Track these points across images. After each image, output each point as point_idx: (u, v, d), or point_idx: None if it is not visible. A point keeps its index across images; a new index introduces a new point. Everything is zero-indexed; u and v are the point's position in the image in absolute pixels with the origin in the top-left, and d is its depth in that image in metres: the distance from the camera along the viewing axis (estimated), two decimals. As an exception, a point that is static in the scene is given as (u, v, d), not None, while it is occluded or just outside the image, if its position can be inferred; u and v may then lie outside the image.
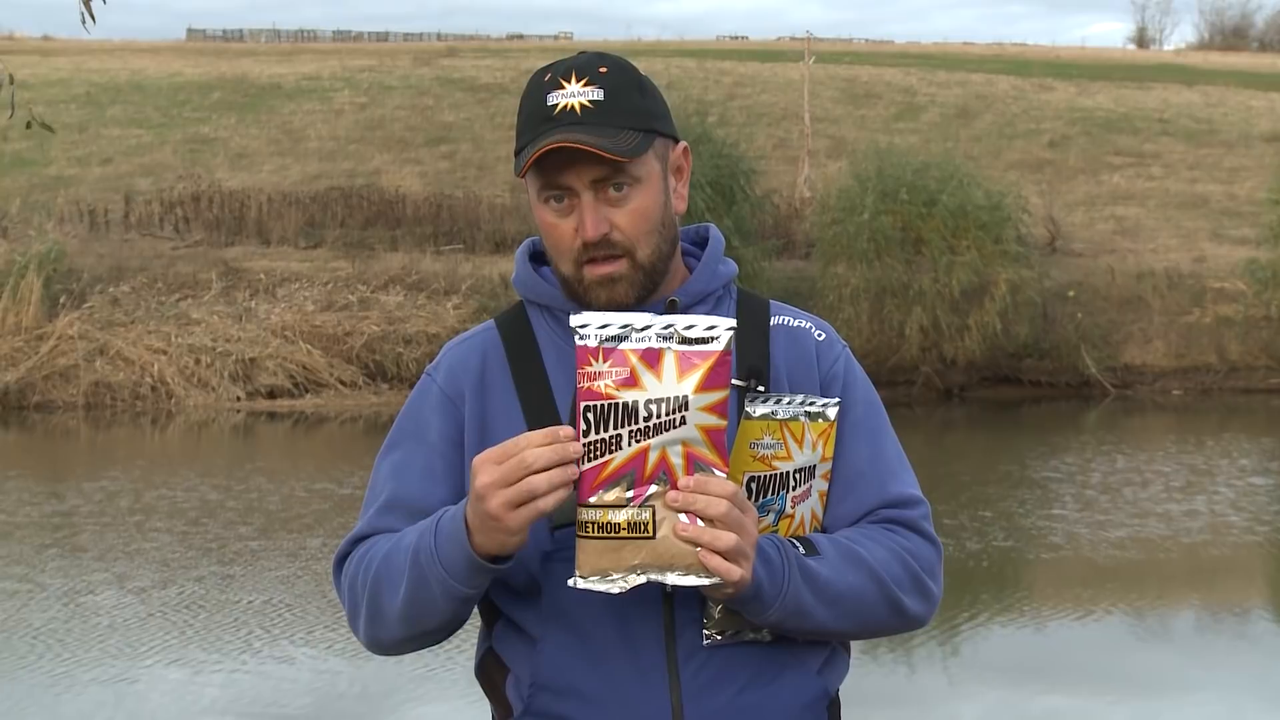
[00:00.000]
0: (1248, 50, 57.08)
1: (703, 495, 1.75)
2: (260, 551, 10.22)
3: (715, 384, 1.74)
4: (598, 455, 1.74)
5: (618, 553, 1.76)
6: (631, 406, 1.73)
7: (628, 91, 1.96)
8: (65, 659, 7.66)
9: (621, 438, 1.73)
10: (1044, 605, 9.18)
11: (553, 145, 1.89)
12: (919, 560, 2.02)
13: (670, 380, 1.73)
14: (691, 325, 1.75)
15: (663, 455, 1.74)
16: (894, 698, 7.19)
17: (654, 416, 1.73)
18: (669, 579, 1.77)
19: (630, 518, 1.75)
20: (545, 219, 1.98)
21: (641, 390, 1.73)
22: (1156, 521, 11.35)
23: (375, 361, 19.39)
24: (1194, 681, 7.63)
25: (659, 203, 1.98)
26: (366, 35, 52.01)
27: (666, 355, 1.73)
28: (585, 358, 1.74)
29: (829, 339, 2.09)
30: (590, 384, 1.73)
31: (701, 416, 1.74)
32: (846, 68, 33.27)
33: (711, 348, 1.74)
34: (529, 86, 1.99)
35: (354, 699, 7.15)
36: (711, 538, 1.76)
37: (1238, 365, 20.84)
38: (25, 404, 18.26)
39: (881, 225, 19.66)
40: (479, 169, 25.40)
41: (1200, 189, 25.88)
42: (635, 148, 1.93)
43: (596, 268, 1.96)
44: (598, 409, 1.73)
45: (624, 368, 1.73)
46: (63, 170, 24.46)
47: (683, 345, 1.74)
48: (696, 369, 1.74)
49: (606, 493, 1.75)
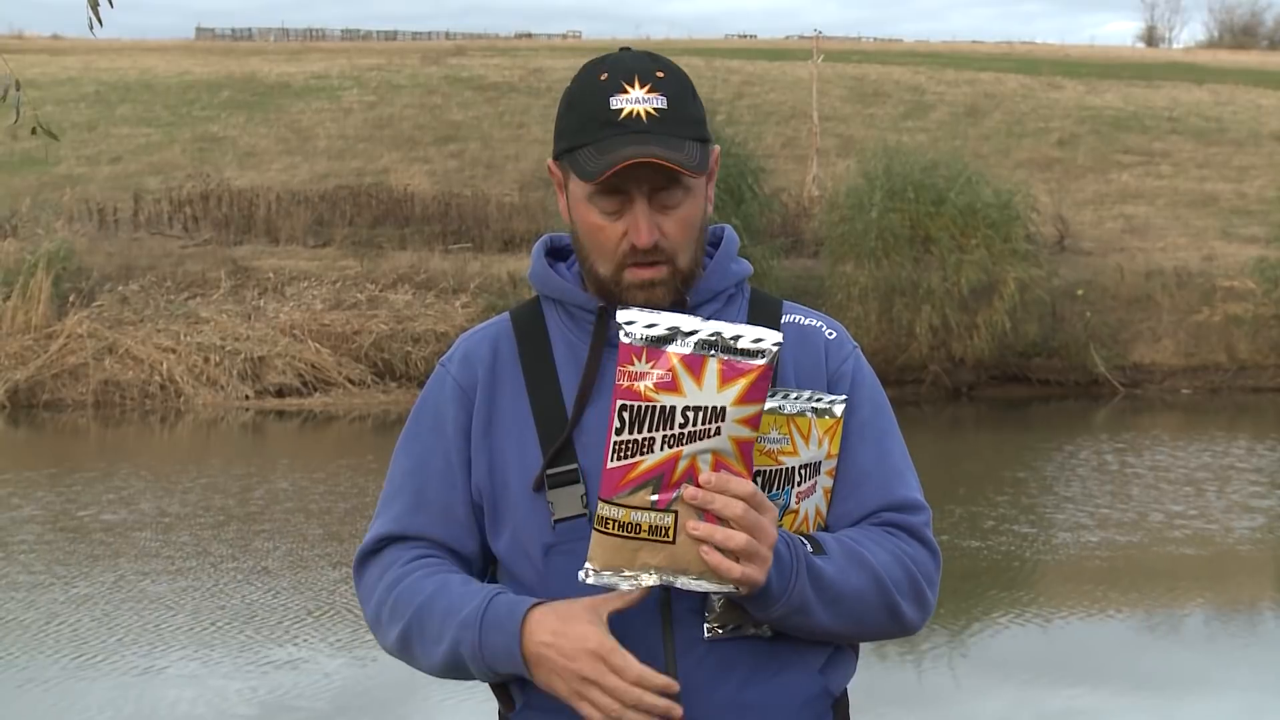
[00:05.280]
0: (1257, 49, 56.98)
1: (720, 495, 1.75)
2: (267, 551, 10.23)
3: (754, 397, 1.71)
4: (628, 455, 1.72)
5: (635, 553, 1.75)
6: (668, 411, 1.70)
7: (687, 98, 1.99)
8: (76, 655, 7.67)
9: (655, 441, 1.71)
10: (1055, 604, 9.15)
11: (640, 160, 1.90)
12: (919, 568, 2.02)
13: (710, 389, 1.70)
14: (739, 335, 1.72)
15: (692, 463, 1.72)
16: (906, 696, 7.18)
17: (690, 424, 1.70)
18: (679, 582, 1.76)
19: (653, 521, 1.74)
20: (591, 220, 1.98)
21: (680, 396, 1.70)
22: (1166, 520, 11.32)
23: (384, 360, 19.40)
24: (1212, 680, 7.61)
25: (703, 210, 2.02)
26: (375, 34, 52.08)
27: (710, 363, 1.70)
28: (628, 355, 1.71)
29: (839, 338, 2.09)
30: (630, 383, 1.70)
31: (736, 428, 1.72)
32: (855, 66, 33.23)
33: (756, 361, 1.71)
34: (585, 84, 1.99)
35: (365, 696, 7.16)
36: (724, 537, 1.76)
37: (1247, 364, 20.78)
38: (35, 402, 18.28)
39: (890, 224, 19.63)
40: (487, 168, 25.40)
41: (1209, 187, 25.82)
42: (702, 162, 1.95)
43: (639, 271, 1.97)
44: (634, 409, 1.70)
45: (666, 371, 1.70)
46: (72, 169, 24.50)
47: (727, 355, 1.71)
48: (738, 381, 1.71)
49: (632, 494, 1.73)
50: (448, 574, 2.00)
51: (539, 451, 1.98)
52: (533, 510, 1.98)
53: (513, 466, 2.00)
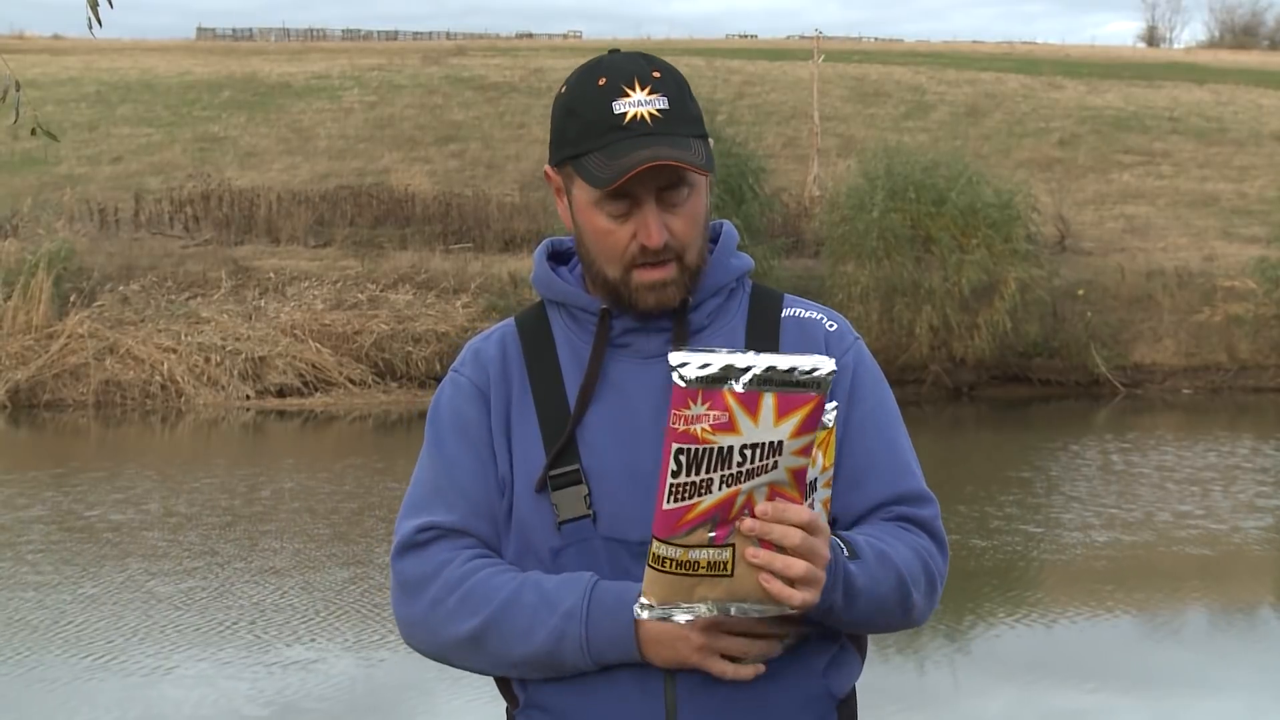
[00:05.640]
0: (1258, 49, 57.01)
1: (778, 525, 1.73)
2: (275, 551, 10.23)
3: (809, 428, 1.68)
4: (685, 497, 1.69)
5: (692, 588, 1.74)
6: (726, 452, 1.67)
7: (685, 97, 1.99)
8: (84, 655, 7.68)
9: (713, 482, 1.68)
10: (1056, 604, 9.16)
11: (656, 164, 1.90)
12: (934, 564, 2.02)
13: (767, 424, 1.67)
14: (793, 368, 1.67)
15: (749, 497, 1.71)
16: (908, 696, 7.18)
17: (748, 462, 1.68)
18: (734, 609, 1.76)
19: (711, 557, 1.72)
20: (599, 224, 1.97)
21: (737, 435, 1.67)
22: (1168, 520, 11.33)
23: (384, 360, 19.40)
24: (1213, 680, 7.61)
25: (706, 206, 2.02)
26: (376, 34, 52.09)
27: (765, 398, 1.66)
28: (683, 399, 1.66)
29: (840, 330, 2.09)
30: (686, 426, 1.66)
31: (792, 459, 1.70)
32: (856, 66, 33.24)
33: (811, 392, 1.67)
34: (583, 90, 1.97)
35: (374, 696, 7.16)
36: (784, 565, 1.74)
37: (1248, 364, 20.79)
38: (36, 402, 18.28)
39: (891, 224, 19.64)
40: (488, 168, 25.40)
41: (1210, 187, 25.83)
42: (708, 159, 1.96)
43: (648, 272, 1.97)
44: (690, 452, 1.67)
45: (722, 411, 1.66)
46: (73, 169, 24.50)
47: (783, 388, 1.67)
48: (794, 414, 1.67)
49: (690, 534, 1.71)
50: (520, 572, 1.99)
51: (543, 452, 1.99)
52: (536, 511, 1.99)
53: (519, 467, 2.01)
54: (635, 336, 2.03)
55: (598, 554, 1.96)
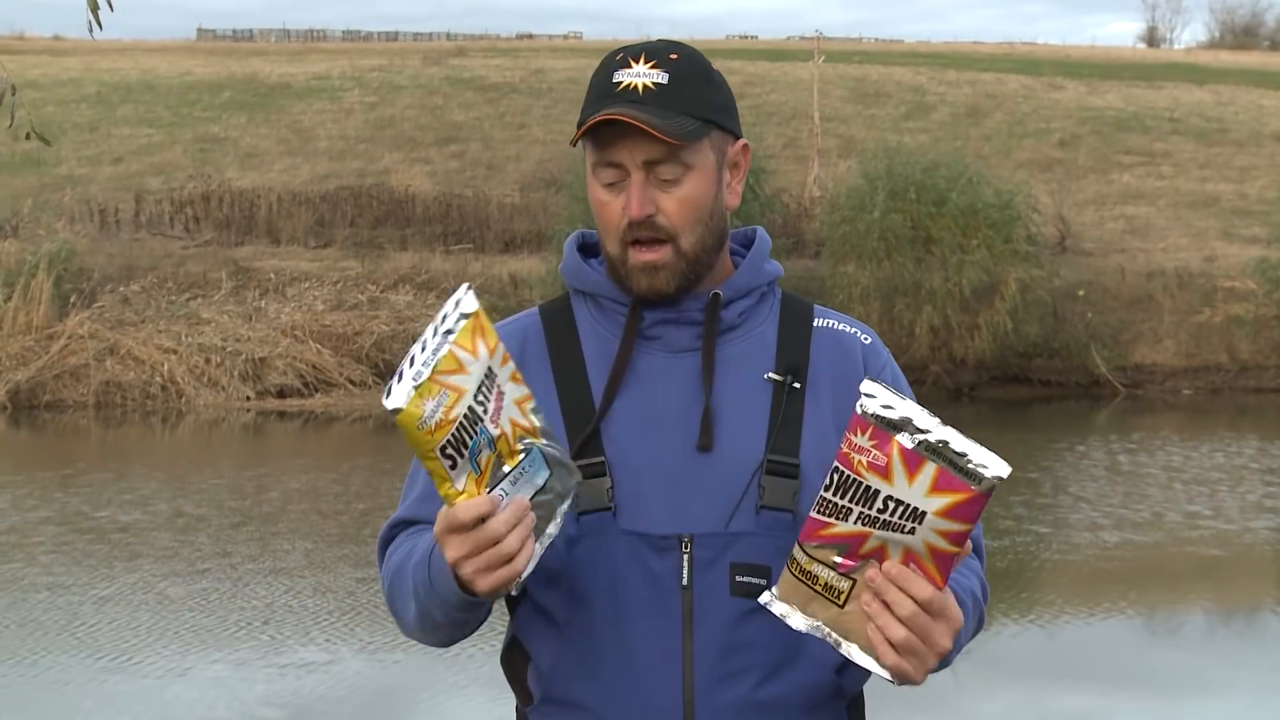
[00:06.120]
0: (1258, 49, 57.04)
1: (895, 589, 1.72)
2: (285, 552, 10.23)
3: (961, 517, 1.67)
4: (826, 514, 1.72)
5: (807, 601, 1.77)
6: (872, 492, 1.68)
7: (693, 80, 1.96)
8: (98, 656, 7.68)
9: (851, 512, 1.70)
10: (1069, 604, 9.17)
11: (604, 117, 1.90)
12: (986, 584, 2.06)
13: (920, 490, 1.66)
14: (965, 453, 1.66)
15: (883, 546, 1.72)
16: (911, 696, 7.16)
17: (887, 513, 1.68)
18: (843, 649, 1.77)
19: (829, 580, 1.74)
20: (597, 195, 1.98)
21: (888, 484, 1.67)
22: (1169, 520, 11.35)
23: (385, 361, 19.38)
24: (1215, 681, 7.63)
25: (709, 194, 1.98)
26: (376, 35, 52.02)
27: (927, 465, 1.66)
28: (856, 426, 1.68)
29: (874, 344, 2.10)
30: (850, 451, 1.68)
31: (933, 536, 1.69)
32: (856, 67, 33.24)
33: (973, 485, 1.66)
34: (600, 65, 1.99)
35: (387, 697, 7.17)
36: (885, 623, 1.73)
37: (1248, 365, 20.80)
38: (36, 403, 18.25)
39: (891, 224, 19.65)
40: (489, 168, 25.40)
41: (1211, 188, 25.86)
42: (689, 132, 1.92)
43: (640, 253, 1.96)
44: (844, 476, 1.69)
45: (883, 456, 1.67)
46: (73, 170, 24.48)
47: (948, 466, 1.66)
48: (947, 494, 1.66)
49: (820, 548, 1.74)
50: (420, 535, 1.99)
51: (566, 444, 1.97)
52: None
53: None
54: (666, 329, 2.02)
55: (615, 546, 1.94)
